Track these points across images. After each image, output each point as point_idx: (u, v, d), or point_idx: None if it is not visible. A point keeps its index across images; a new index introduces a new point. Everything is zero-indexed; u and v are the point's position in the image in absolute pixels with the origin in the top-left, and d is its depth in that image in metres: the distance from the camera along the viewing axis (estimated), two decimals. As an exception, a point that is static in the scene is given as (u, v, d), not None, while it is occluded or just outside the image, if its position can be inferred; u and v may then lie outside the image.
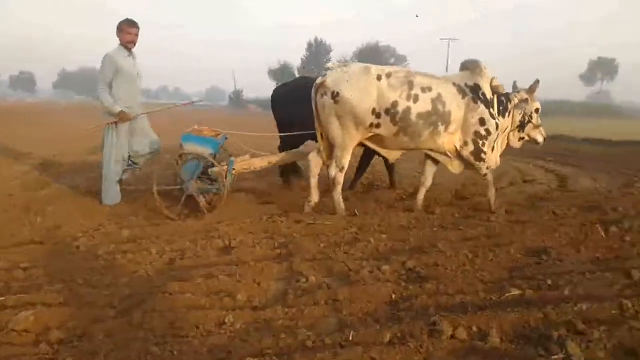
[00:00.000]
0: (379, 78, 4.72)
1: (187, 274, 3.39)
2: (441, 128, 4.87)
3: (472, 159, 5.06)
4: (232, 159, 5.38)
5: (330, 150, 5.06)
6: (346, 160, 4.94)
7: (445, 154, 5.12)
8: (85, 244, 4.17)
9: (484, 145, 5.02)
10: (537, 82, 5.33)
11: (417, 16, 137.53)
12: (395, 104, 4.70)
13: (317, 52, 69.31)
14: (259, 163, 5.47)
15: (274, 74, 69.10)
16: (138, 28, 5.45)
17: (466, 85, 4.99)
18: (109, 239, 4.33)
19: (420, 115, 4.76)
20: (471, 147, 5.01)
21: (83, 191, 6.13)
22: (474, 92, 4.97)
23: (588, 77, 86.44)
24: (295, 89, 6.17)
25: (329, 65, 5.05)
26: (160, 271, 3.53)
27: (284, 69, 66.31)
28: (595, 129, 18.91)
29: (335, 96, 4.68)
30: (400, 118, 4.73)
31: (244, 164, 5.39)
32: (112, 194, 5.49)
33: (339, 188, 5.03)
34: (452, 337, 2.39)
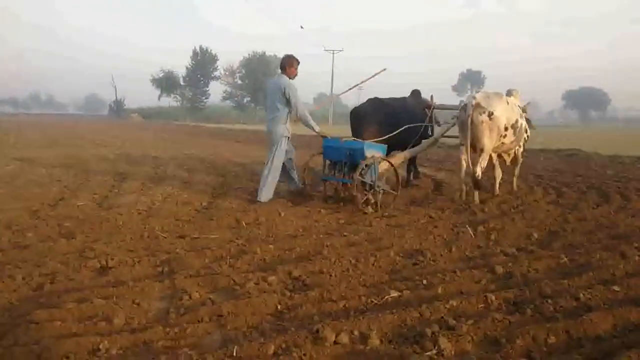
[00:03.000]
0: (508, 102, 6.27)
1: (57, 299, 3.10)
2: (524, 135, 6.80)
3: (520, 154, 7.16)
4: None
5: (473, 155, 6.26)
6: (486, 162, 6.26)
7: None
8: None
9: (524, 145, 7.13)
10: (529, 103, 7.43)
11: (302, 27, 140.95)
12: (517, 121, 6.38)
13: (203, 60, 68.10)
14: (384, 166, 6.22)
15: (157, 82, 66.73)
16: None
17: (517, 104, 6.78)
18: (-37, 265, 3.84)
19: (523, 128, 6.62)
20: (520, 147, 7.03)
21: None
22: (521, 109, 6.80)
23: (459, 88, 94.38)
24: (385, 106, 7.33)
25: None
26: (26, 298, 3.20)
27: (168, 77, 64.26)
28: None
29: (490, 115, 6.01)
30: (518, 131, 6.45)
31: (384, 164, 6.12)
32: (269, 194, 6.23)
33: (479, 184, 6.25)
34: (335, 342, 2.45)
